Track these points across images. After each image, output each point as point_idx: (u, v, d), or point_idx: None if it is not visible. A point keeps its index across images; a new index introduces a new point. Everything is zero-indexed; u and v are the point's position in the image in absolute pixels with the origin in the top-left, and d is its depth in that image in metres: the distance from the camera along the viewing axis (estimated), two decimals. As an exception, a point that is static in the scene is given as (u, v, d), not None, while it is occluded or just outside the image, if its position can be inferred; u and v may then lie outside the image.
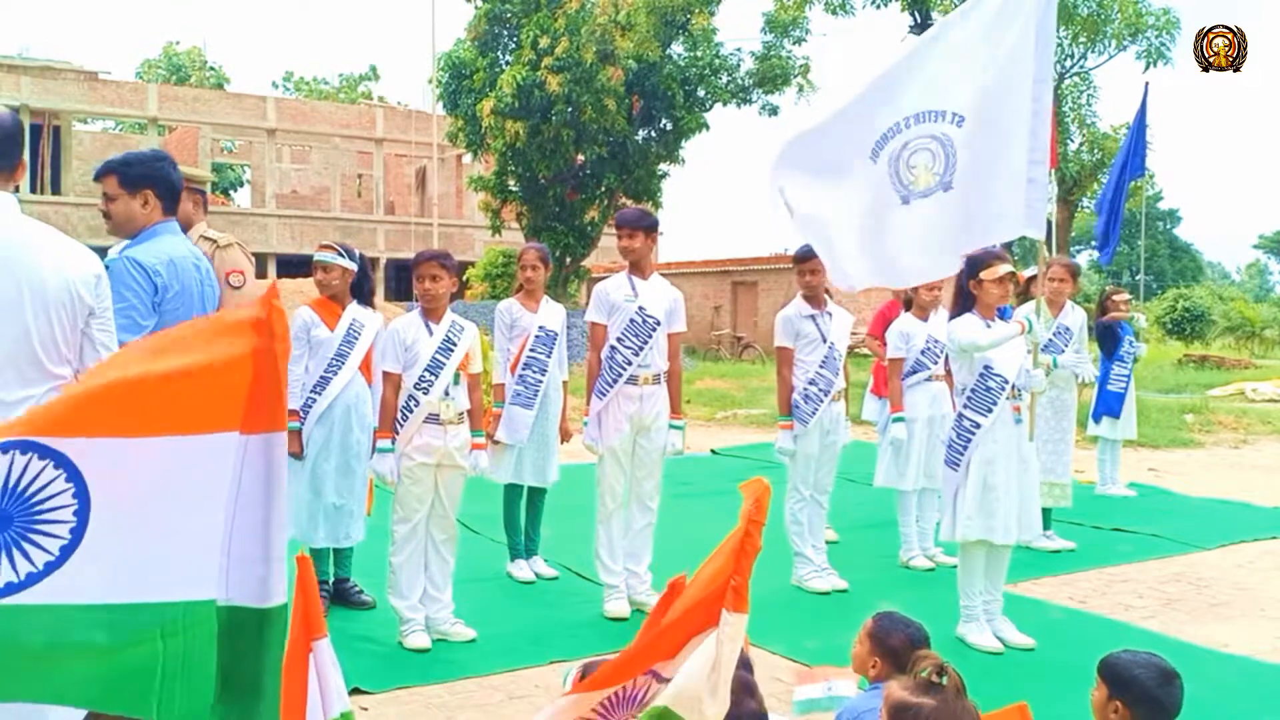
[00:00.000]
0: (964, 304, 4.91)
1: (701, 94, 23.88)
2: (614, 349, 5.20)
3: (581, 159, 23.55)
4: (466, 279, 25.36)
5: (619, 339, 5.19)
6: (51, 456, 1.63)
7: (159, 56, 50.51)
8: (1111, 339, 8.43)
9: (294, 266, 27.70)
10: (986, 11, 4.59)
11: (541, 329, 5.83)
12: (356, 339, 5.09)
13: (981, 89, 4.52)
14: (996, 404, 4.71)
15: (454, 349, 4.69)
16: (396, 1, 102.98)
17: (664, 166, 24.83)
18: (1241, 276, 74.48)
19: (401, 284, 32.27)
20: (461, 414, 4.71)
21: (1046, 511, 6.53)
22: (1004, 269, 4.83)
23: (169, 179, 3.49)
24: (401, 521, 4.67)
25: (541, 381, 5.79)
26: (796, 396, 5.62)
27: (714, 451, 11.24)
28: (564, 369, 6.03)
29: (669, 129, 24.08)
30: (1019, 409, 4.77)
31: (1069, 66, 19.03)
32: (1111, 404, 8.41)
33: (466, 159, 32.88)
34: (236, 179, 45.94)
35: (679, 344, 5.46)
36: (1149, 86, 10.29)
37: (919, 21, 19.52)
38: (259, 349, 1.70)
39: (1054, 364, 6.40)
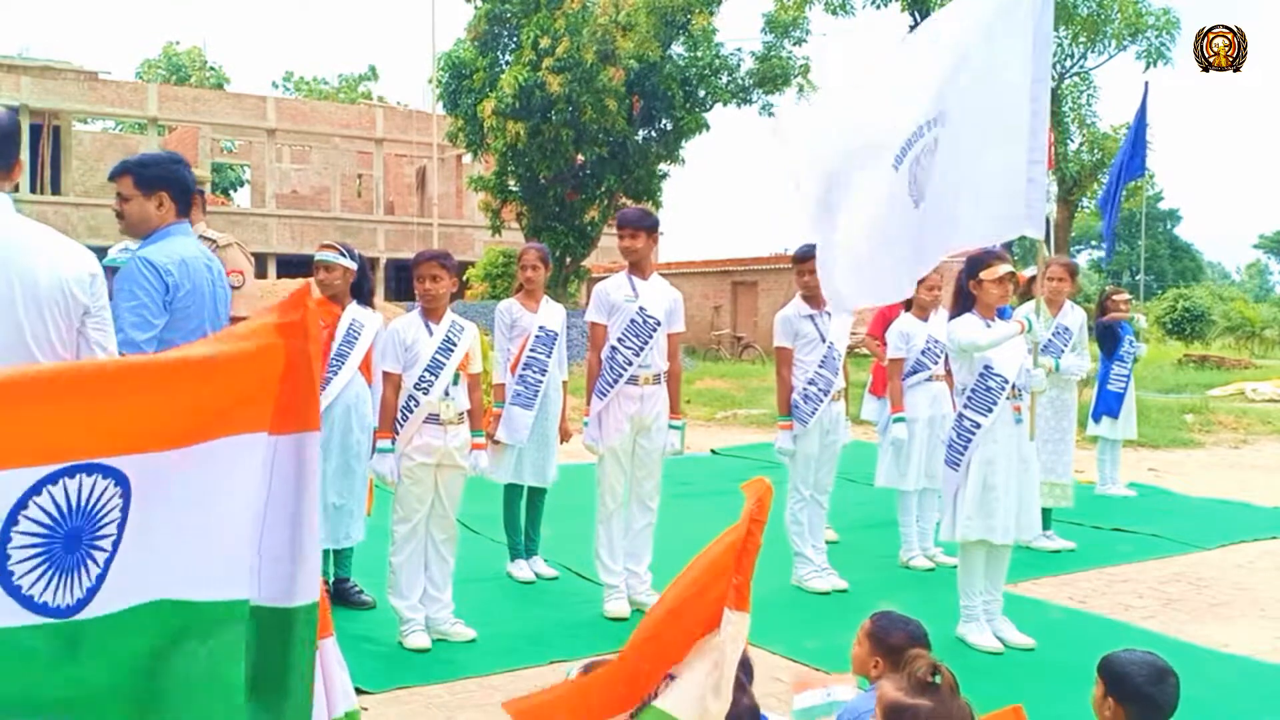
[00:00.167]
0: (964, 304, 4.91)
1: (702, 94, 23.87)
2: (614, 349, 5.20)
3: (581, 159, 23.55)
4: (466, 279, 25.36)
5: (619, 339, 5.19)
6: (113, 475, 1.65)
7: (159, 56, 50.50)
8: (1111, 339, 8.43)
9: (294, 266, 27.73)
10: (980, 10, 4.58)
11: (541, 329, 5.84)
12: (356, 339, 5.09)
13: (964, 87, 4.50)
14: (997, 404, 4.71)
15: (454, 349, 4.69)
16: (396, 1, 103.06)
17: (664, 166, 24.83)
18: (1241, 276, 74.46)
19: (401, 284, 32.27)
20: (461, 414, 4.71)
21: (1046, 511, 6.52)
22: (1004, 269, 4.83)
23: (184, 181, 3.54)
24: (401, 521, 4.68)
25: (541, 381, 5.79)
26: (796, 396, 5.62)
27: (714, 451, 11.24)
28: (564, 369, 6.03)
29: (669, 129, 24.08)
30: (1019, 409, 4.77)
31: (1069, 66, 19.03)
32: (1111, 404, 8.42)
33: (466, 159, 32.88)
34: (236, 179, 45.96)
35: (678, 344, 5.46)
36: (1149, 86, 10.27)
37: (919, 21, 19.52)
38: (291, 350, 1.71)
39: (1055, 367, 6.40)
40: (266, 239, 31.31)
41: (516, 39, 22.82)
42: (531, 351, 5.80)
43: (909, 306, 6.55)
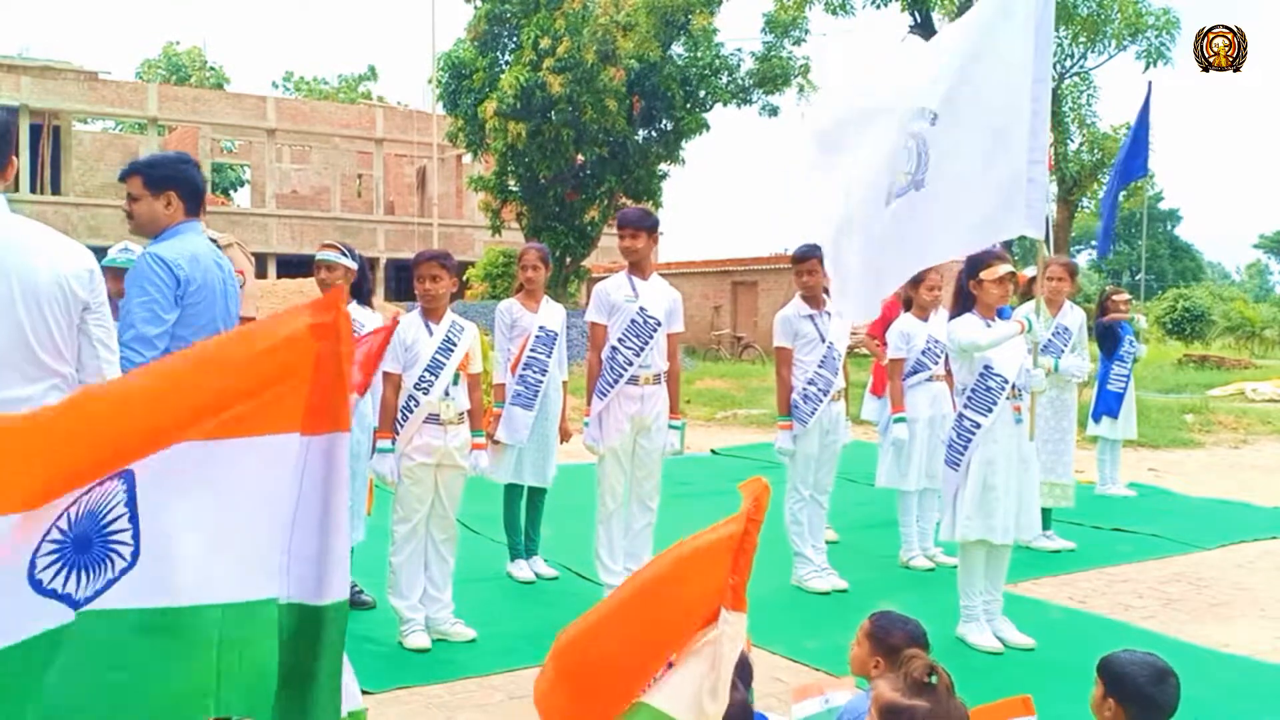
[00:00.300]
0: (964, 304, 4.91)
1: (702, 94, 23.87)
2: (615, 349, 5.20)
3: (582, 159, 23.55)
4: (466, 279, 25.36)
5: (620, 339, 5.19)
6: (122, 476, 1.68)
7: (159, 56, 50.46)
8: (1111, 339, 8.44)
9: (294, 266, 27.72)
10: (980, 10, 4.58)
11: (542, 329, 5.84)
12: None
13: (960, 86, 4.50)
14: (997, 404, 4.71)
15: (454, 349, 4.69)
16: (396, 1, 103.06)
17: (664, 166, 24.83)
18: (1241, 276, 74.43)
19: (401, 284, 32.27)
20: (461, 414, 4.71)
21: (1046, 511, 6.53)
22: (1004, 269, 4.83)
23: (192, 181, 3.56)
24: (401, 521, 4.68)
25: (542, 381, 5.79)
26: (796, 396, 5.62)
27: (714, 451, 11.24)
28: (564, 369, 6.03)
29: (669, 129, 24.08)
30: (1019, 409, 4.77)
31: (1069, 66, 19.04)
32: (1111, 404, 8.42)
33: (466, 159, 32.87)
34: (236, 179, 45.94)
35: (677, 344, 5.47)
36: (1152, 86, 10.18)
37: (919, 21, 19.53)
38: (322, 352, 1.73)
39: (1055, 367, 6.40)
40: (266, 239, 31.32)
41: (516, 39, 22.83)
42: (532, 351, 5.80)
43: (909, 306, 6.55)
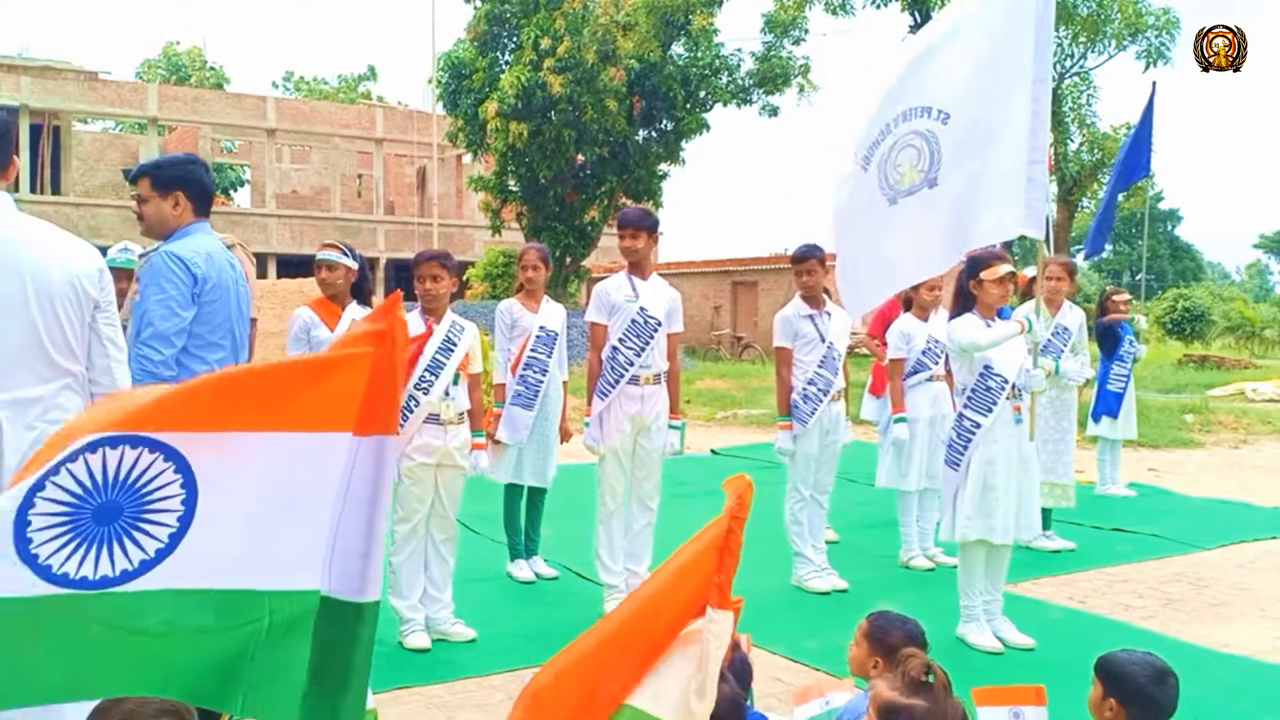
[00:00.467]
0: (964, 304, 4.91)
1: (702, 94, 23.85)
2: (616, 350, 5.20)
3: (582, 159, 23.53)
4: (466, 279, 25.35)
5: (620, 339, 5.19)
6: (161, 449, 1.72)
7: (159, 56, 50.43)
8: (1111, 339, 8.44)
9: (294, 266, 27.71)
10: (979, 10, 4.58)
11: (542, 329, 5.84)
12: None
13: (971, 86, 4.51)
14: (996, 404, 4.71)
15: (454, 349, 4.69)
16: (396, 1, 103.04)
17: (664, 167, 24.81)
18: (1241, 276, 74.40)
19: (401, 284, 32.08)
20: (462, 414, 4.71)
21: (1046, 511, 6.53)
22: (1004, 269, 4.83)
23: (200, 181, 3.57)
24: (401, 521, 4.68)
25: (542, 381, 5.79)
26: (796, 396, 5.62)
27: (714, 451, 11.24)
28: (564, 369, 6.03)
29: (669, 129, 24.06)
30: (1019, 409, 4.77)
31: (1069, 66, 19.03)
32: (1111, 404, 8.42)
33: (466, 159, 32.86)
34: (236, 179, 45.90)
35: (677, 344, 5.47)
36: (1156, 86, 10.13)
37: (919, 21, 19.51)
38: (378, 356, 1.79)
39: (1055, 368, 6.40)
40: (266, 239, 31.31)
41: (516, 39, 22.81)
42: (532, 351, 5.80)
43: (909, 306, 6.55)
